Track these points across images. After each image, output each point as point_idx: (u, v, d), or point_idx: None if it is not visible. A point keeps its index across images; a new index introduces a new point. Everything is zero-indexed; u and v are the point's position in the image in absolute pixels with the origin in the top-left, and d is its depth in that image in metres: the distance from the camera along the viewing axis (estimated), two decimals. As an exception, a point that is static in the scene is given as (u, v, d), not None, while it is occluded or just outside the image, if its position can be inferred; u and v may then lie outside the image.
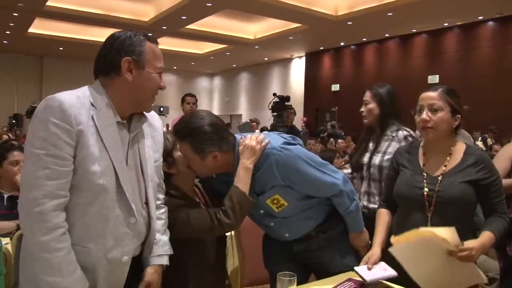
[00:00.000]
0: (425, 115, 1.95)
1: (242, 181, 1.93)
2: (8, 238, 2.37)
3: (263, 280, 2.52)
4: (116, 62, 1.57)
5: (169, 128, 9.15)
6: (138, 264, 1.76)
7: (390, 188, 2.13)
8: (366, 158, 2.87)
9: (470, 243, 1.75)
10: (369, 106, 2.89)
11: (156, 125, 1.82)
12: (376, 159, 2.80)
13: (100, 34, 15.89)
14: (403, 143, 2.63)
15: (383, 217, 2.14)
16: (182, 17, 12.88)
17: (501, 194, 1.94)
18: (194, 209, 1.97)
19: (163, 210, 1.86)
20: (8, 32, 14.46)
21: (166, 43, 16.91)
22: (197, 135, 1.90)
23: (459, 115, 1.97)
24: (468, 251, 1.71)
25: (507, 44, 12.44)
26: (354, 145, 7.26)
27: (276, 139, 2.03)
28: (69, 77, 18.99)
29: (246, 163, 1.95)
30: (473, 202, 1.95)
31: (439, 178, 1.96)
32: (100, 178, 1.50)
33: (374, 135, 2.92)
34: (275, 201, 2.04)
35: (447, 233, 1.68)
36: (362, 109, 2.94)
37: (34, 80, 18.83)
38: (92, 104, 1.53)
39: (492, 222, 1.92)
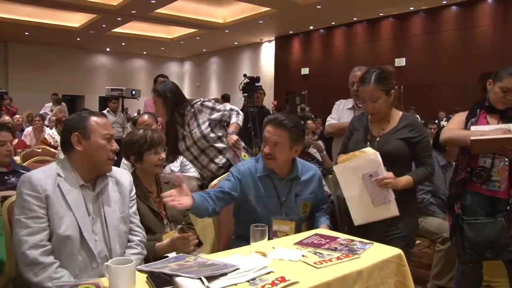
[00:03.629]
0: (369, 107, 2.46)
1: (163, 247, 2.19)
2: None
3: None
4: (68, 139, 1.95)
5: (141, 111, 9.15)
6: None
7: (346, 147, 2.63)
8: None
9: (387, 175, 2.28)
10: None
11: (123, 182, 2.11)
12: None
13: (67, 18, 15.60)
14: None
15: None
16: (152, 1, 12.78)
17: (428, 150, 2.46)
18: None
19: (134, 251, 2.06)
20: (-31, 16, 14.08)
21: (135, 28, 16.73)
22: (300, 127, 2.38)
23: (392, 90, 2.44)
24: (382, 177, 2.27)
25: (470, 28, 12.86)
26: (322, 127, 7.42)
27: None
28: (36, 62, 18.64)
29: None
30: (407, 156, 2.45)
31: (377, 138, 2.48)
32: (66, 231, 1.84)
33: None
34: (305, 206, 2.45)
35: (374, 152, 2.30)
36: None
37: (-1, 66, 18.44)
38: (58, 175, 1.90)
39: (416, 170, 2.46)
